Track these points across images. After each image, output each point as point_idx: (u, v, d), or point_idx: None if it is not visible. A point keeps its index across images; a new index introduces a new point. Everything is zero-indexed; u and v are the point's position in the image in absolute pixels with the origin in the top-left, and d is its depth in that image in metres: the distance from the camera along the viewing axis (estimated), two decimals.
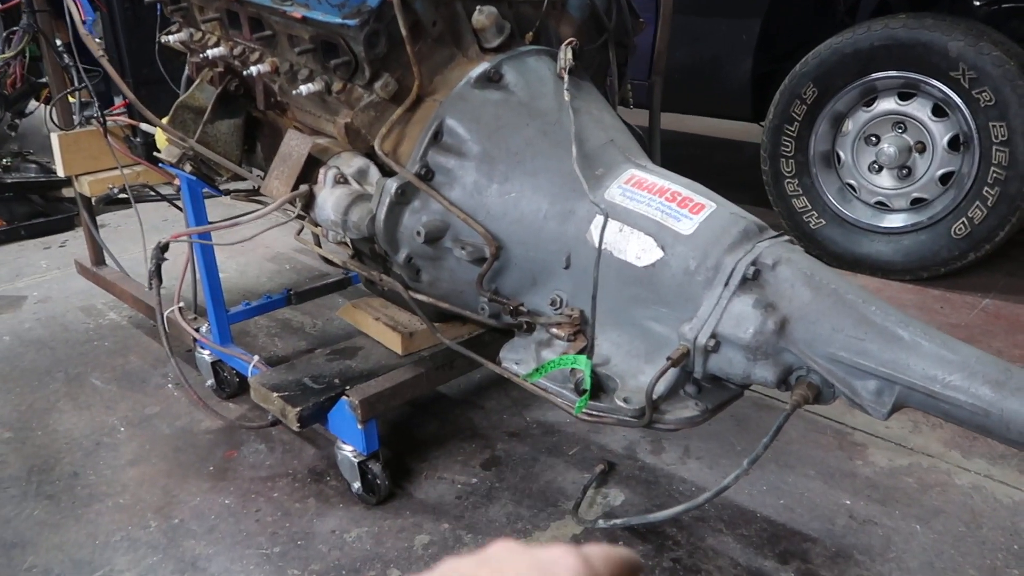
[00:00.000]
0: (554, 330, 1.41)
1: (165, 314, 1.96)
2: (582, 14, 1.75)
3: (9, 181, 3.41)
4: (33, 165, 3.53)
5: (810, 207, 2.94)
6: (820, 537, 1.51)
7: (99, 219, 3.12)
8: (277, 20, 1.57)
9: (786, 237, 1.35)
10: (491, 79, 1.50)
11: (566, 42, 1.56)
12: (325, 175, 1.57)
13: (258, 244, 3.04)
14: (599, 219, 1.37)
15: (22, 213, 3.40)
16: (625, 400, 1.29)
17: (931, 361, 1.14)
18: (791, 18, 3.13)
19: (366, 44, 1.44)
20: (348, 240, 1.73)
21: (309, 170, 1.63)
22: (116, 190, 2.29)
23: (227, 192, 1.95)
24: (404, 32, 1.41)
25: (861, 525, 1.54)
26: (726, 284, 1.26)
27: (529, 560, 0.37)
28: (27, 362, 2.25)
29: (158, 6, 1.97)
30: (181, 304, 1.99)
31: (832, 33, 2.82)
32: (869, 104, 2.83)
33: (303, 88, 1.54)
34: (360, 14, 1.40)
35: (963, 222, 2.62)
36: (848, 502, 1.61)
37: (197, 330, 1.96)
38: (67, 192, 3.52)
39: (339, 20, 1.42)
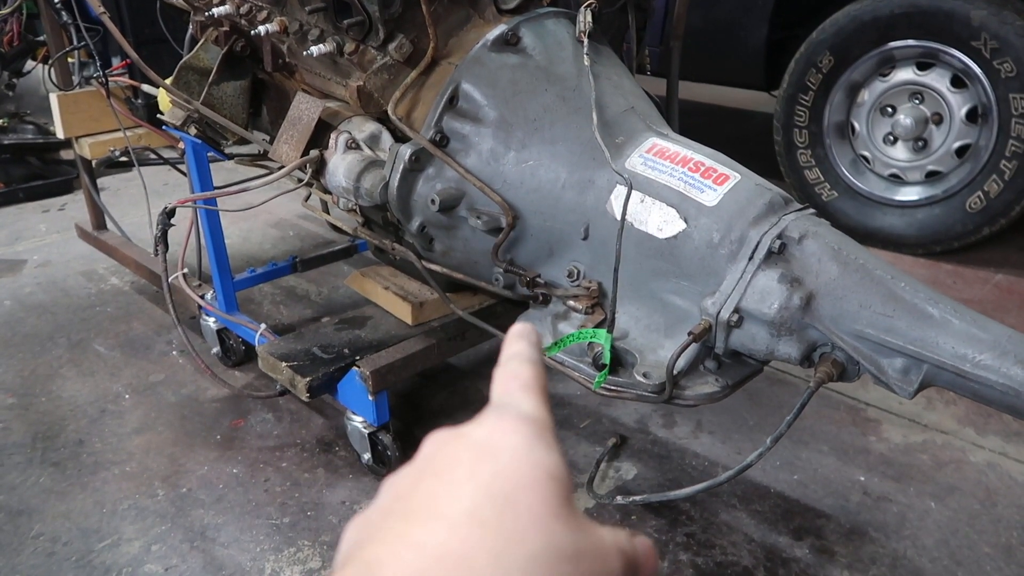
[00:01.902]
0: (571, 302, 1.38)
1: (170, 280, 1.93)
2: None
3: (6, 142, 3.34)
4: (31, 126, 3.46)
5: (823, 179, 2.90)
6: (834, 513, 1.50)
7: (99, 182, 3.07)
8: None
9: (812, 210, 1.31)
10: (508, 42, 1.45)
11: (585, 4, 1.51)
12: (336, 140, 1.53)
13: (261, 210, 2.99)
14: (620, 189, 1.34)
15: (20, 175, 3.34)
16: (645, 375, 1.26)
17: (961, 339, 1.11)
18: None
19: (380, 3, 1.39)
20: (359, 207, 1.69)
21: (319, 135, 1.58)
22: (117, 153, 2.24)
23: (232, 156, 1.91)
24: None
25: (875, 502, 1.53)
26: (751, 258, 1.23)
27: (470, 449, 0.34)
28: (29, 327, 2.22)
29: None
30: (185, 271, 1.96)
31: (849, 1, 2.76)
32: (886, 74, 2.77)
33: (313, 49, 1.49)
34: None
35: (978, 196, 2.58)
36: (862, 478, 1.59)
37: (202, 297, 1.92)
38: (66, 154, 3.46)
39: None
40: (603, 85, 1.46)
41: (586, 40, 1.48)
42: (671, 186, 1.33)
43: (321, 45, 1.48)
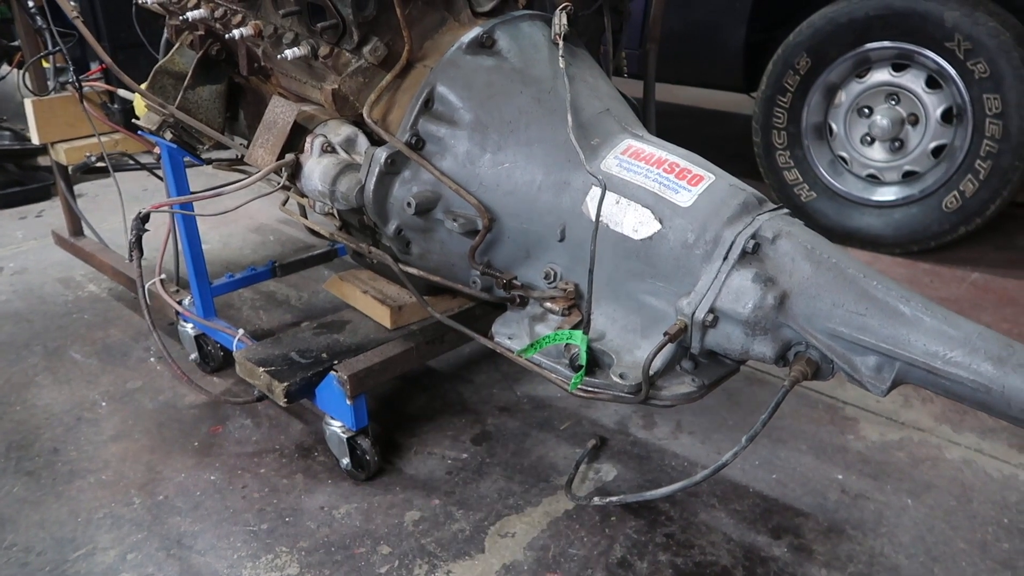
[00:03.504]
0: (548, 304, 1.38)
1: (147, 286, 1.92)
2: None
3: None
4: (7, 132, 3.42)
5: (801, 179, 2.92)
6: (812, 512, 1.50)
7: (76, 188, 3.04)
8: None
9: (786, 210, 1.32)
10: (483, 44, 1.45)
11: (561, 7, 1.51)
12: (312, 144, 1.52)
13: (241, 215, 2.98)
14: (595, 191, 1.34)
15: None
16: (621, 376, 1.27)
17: (932, 337, 1.12)
18: None
19: (354, 6, 1.38)
20: (336, 211, 1.68)
21: (295, 138, 1.58)
22: (93, 158, 2.22)
23: (209, 161, 1.89)
24: None
25: (853, 500, 1.54)
26: (725, 258, 1.24)
27: None
28: (4, 335, 2.19)
29: None
30: (163, 276, 1.94)
31: (827, 2, 2.78)
32: (863, 75, 2.79)
33: (288, 53, 1.48)
34: None
35: (954, 195, 2.61)
36: (840, 477, 1.60)
37: (180, 303, 1.91)
38: (43, 160, 3.42)
39: None
40: (578, 87, 1.46)
41: (561, 42, 1.48)
42: (646, 187, 1.33)
43: (295, 48, 1.48)
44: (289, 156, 1.53)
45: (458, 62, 1.44)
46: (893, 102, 2.75)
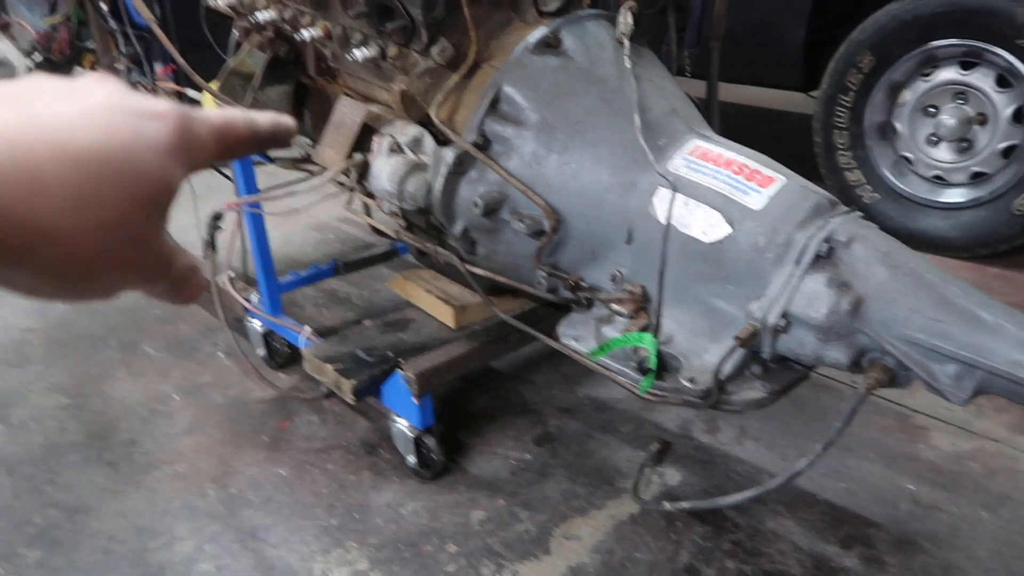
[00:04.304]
0: (615, 306, 1.38)
1: (216, 283, 1.97)
2: None
3: None
4: None
5: (864, 180, 2.85)
6: (883, 522, 1.47)
7: None
8: None
9: (859, 213, 1.30)
10: (549, 44, 1.46)
11: (625, 5, 1.51)
12: (380, 144, 1.54)
13: (302, 212, 3.03)
14: (663, 192, 1.33)
15: None
16: (691, 380, 1.26)
17: (1016, 345, 1.09)
18: None
19: (424, 7, 1.40)
20: (401, 211, 1.71)
21: (362, 138, 1.60)
22: None
23: (275, 159, 1.93)
24: None
25: (925, 511, 1.50)
26: (797, 262, 1.22)
27: (62, 91, 0.36)
28: (81, 328, 2.27)
29: None
30: (231, 273, 1.99)
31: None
32: (928, 74, 2.71)
33: (357, 53, 1.50)
34: None
35: None
36: (911, 487, 1.57)
37: (248, 300, 1.95)
38: None
39: None
40: (644, 87, 1.45)
41: (627, 42, 1.48)
42: (715, 189, 1.32)
43: (364, 49, 1.50)
44: (357, 156, 1.55)
45: (524, 62, 1.44)
46: (960, 101, 2.67)
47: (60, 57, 2.57)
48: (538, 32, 1.45)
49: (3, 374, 2.04)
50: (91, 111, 0.35)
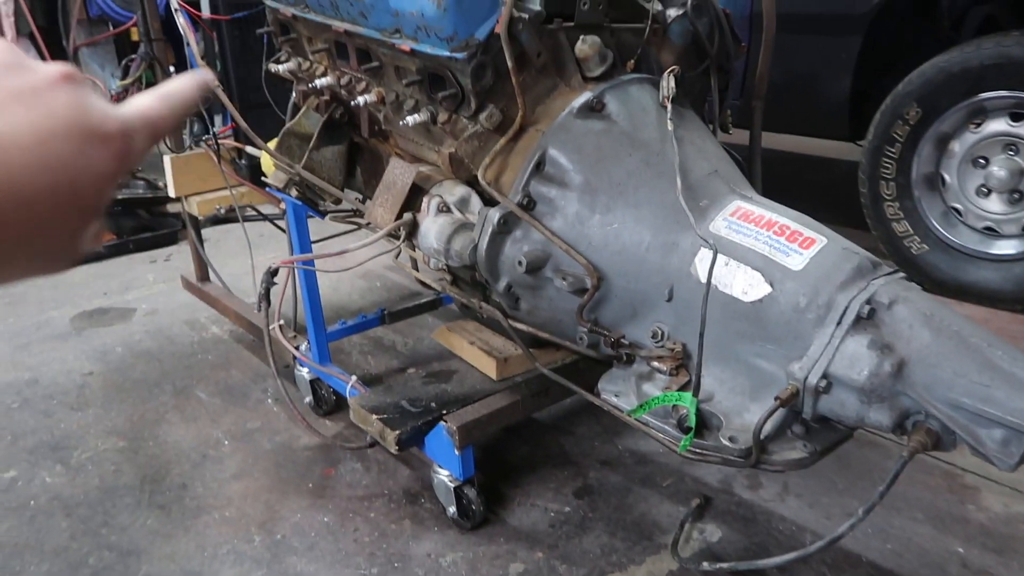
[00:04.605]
0: (655, 363, 1.40)
1: (267, 332, 2.04)
2: (684, 40, 1.73)
3: (119, 197, 3.60)
4: (141, 182, 3.72)
5: (912, 231, 2.82)
6: None
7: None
8: (385, 52, 1.61)
9: (902, 274, 1.30)
10: (593, 109, 1.50)
11: (668, 70, 1.55)
12: (428, 203, 1.60)
13: (349, 262, 3.12)
14: (704, 252, 1.36)
15: (129, 227, 3.58)
16: (731, 439, 1.26)
17: None
18: (892, 35, 3.02)
19: (473, 76, 1.46)
20: (448, 267, 1.76)
21: (411, 197, 1.66)
22: (223, 210, 2.39)
23: (327, 213, 2.01)
24: (510, 64, 1.43)
25: (975, 575, 1.46)
26: (839, 323, 1.22)
27: (21, 93, 0.37)
28: (138, 373, 2.37)
29: (265, 36, 2.05)
30: (281, 322, 2.06)
31: (935, 50, 2.71)
32: (978, 125, 2.69)
33: (409, 119, 1.57)
34: (468, 47, 1.43)
35: None
36: (960, 550, 1.53)
37: (297, 348, 2.02)
38: (171, 208, 3.69)
39: (447, 53, 1.44)
40: (686, 149, 1.49)
41: (669, 105, 1.52)
42: (756, 249, 1.34)
43: (416, 115, 1.56)
44: (407, 215, 1.62)
45: (569, 126, 1.49)
46: (1011, 152, 2.64)
47: None
48: (583, 97, 1.50)
49: (65, 417, 2.13)
50: (45, 137, 0.36)
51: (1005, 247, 2.67)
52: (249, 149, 2.40)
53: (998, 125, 2.65)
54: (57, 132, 0.37)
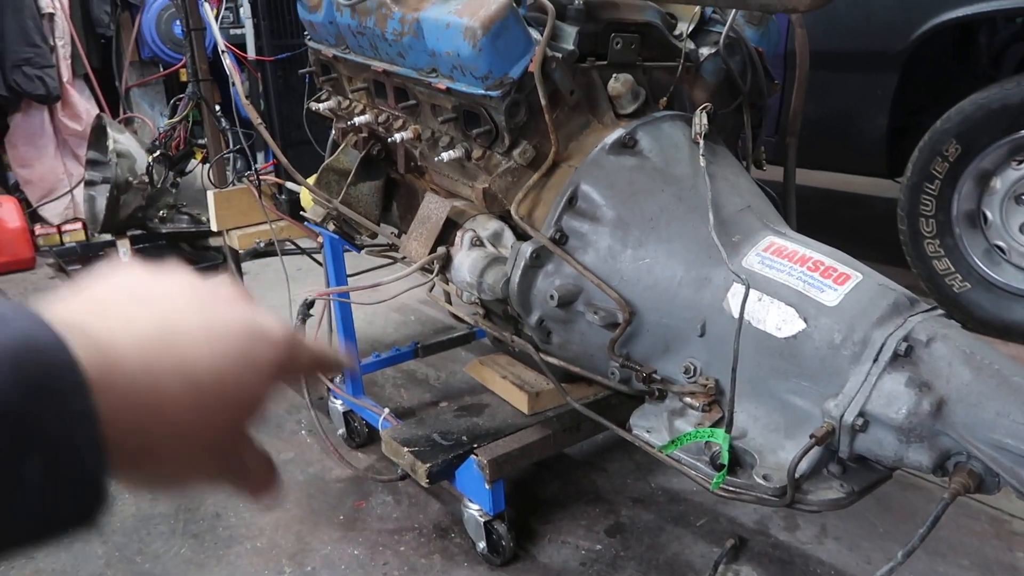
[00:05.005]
0: (688, 399, 1.38)
1: None
2: (716, 78, 1.75)
3: (164, 231, 3.70)
4: (185, 216, 3.82)
5: (953, 269, 2.77)
6: None
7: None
8: (421, 91, 1.65)
9: (940, 311, 1.28)
10: (626, 145, 1.52)
11: (701, 107, 1.56)
12: (462, 238, 1.62)
13: (384, 295, 3.15)
14: (737, 287, 1.35)
15: (173, 260, 3.67)
16: (765, 477, 1.24)
17: None
18: (929, 71, 3.00)
19: (507, 114, 1.49)
20: (480, 300, 1.77)
21: (445, 231, 1.69)
22: (262, 244, 2.44)
23: (363, 247, 2.05)
24: (543, 102, 1.45)
25: None
26: (875, 360, 1.20)
27: (196, 302, 0.42)
28: None
29: (307, 76, 2.12)
30: None
31: (973, 86, 2.68)
32: (1021, 161, 2.65)
33: (444, 155, 1.60)
34: (503, 85, 1.46)
35: None
36: None
37: (332, 380, 2.04)
38: (214, 242, 3.78)
39: (482, 91, 1.47)
40: (719, 185, 1.49)
41: (702, 141, 1.52)
42: (789, 285, 1.33)
43: (451, 151, 1.59)
44: (441, 249, 1.64)
45: (601, 162, 1.51)
46: None
47: (176, 153, 2.82)
48: (615, 134, 1.52)
49: None
50: (216, 335, 0.40)
51: None
52: (289, 185, 2.46)
53: None
54: (226, 331, 0.41)
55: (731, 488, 1.25)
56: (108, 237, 3.71)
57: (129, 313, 0.39)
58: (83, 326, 0.36)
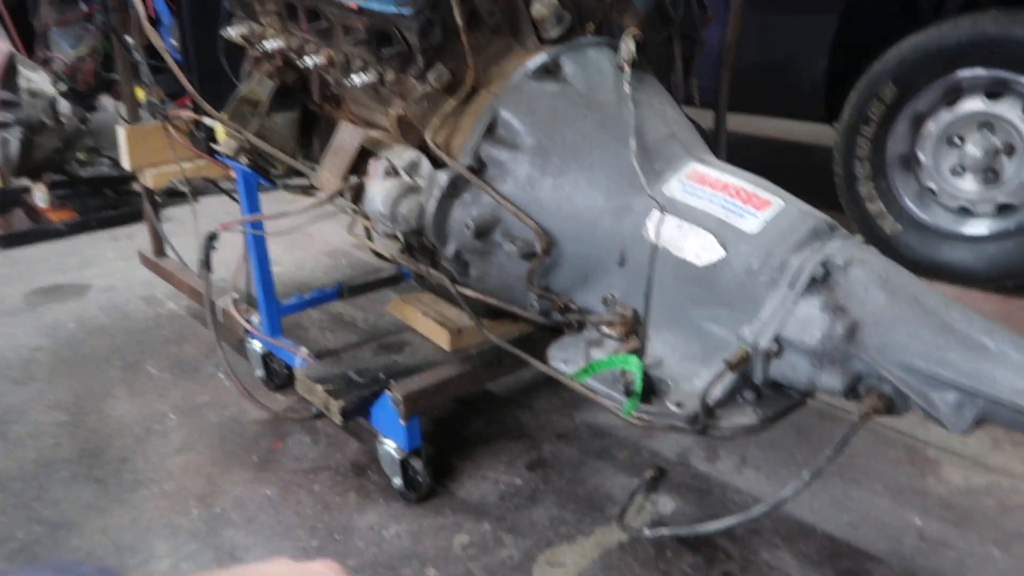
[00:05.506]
0: (605, 329, 1.35)
1: (220, 305, 1.98)
2: (647, 5, 1.68)
3: (83, 175, 3.53)
4: (106, 160, 3.64)
5: (886, 211, 2.79)
6: (886, 558, 1.40)
7: (166, 212, 3.19)
8: (333, 11, 1.56)
9: (860, 237, 1.26)
10: (548, 71, 1.46)
11: (628, 32, 1.50)
12: (376, 167, 1.55)
13: (315, 239, 3.06)
14: (656, 215, 1.31)
15: (95, 206, 3.51)
16: (678, 404, 1.22)
17: (1020, 373, 1.04)
18: (869, 14, 2.98)
19: (420, 33, 1.41)
20: (398, 233, 1.71)
21: (362, 163, 1.61)
22: (178, 182, 2.32)
23: (284, 186, 1.95)
24: (460, 22, 1.38)
25: (932, 547, 1.43)
26: (792, 285, 1.18)
27: None
28: (88, 348, 2.30)
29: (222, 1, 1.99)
30: (235, 295, 2.00)
31: (914, 29, 2.67)
32: (953, 104, 2.66)
33: (356, 79, 1.52)
34: (415, 3, 1.38)
35: None
36: (919, 522, 1.50)
37: (249, 321, 1.96)
38: (138, 186, 3.62)
39: (394, 9, 1.39)
40: (644, 112, 1.44)
41: (628, 68, 1.47)
42: (710, 212, 1.29)
43: (363, 75, 1.51)
44: (353, 179, 1.56)
45: (522, 88, 1.44)
46: (987, 131, 2.60)
47: (85, 87, 2.65)
48: (538, 58, 1.45)
49: (7, 391, 2.07)
50: None
51: (978, 227, 2.64)
52: (208, 121, 2.34)
53: (974, 104, 2.61)
54: None
55: (644, 416, 1.23)
56: (26, 182, 3.52)
57: None
58: None
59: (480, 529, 1.50)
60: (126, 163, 2.36)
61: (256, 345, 2.00)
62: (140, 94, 2.47)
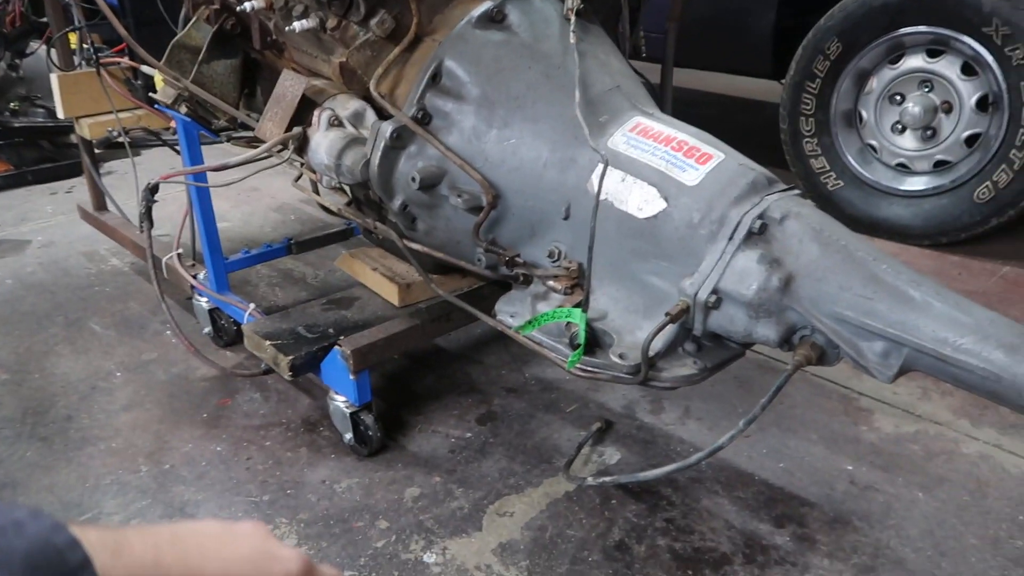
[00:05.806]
0: (551, 282, 1.37)
1: (164, 260, 1.94)
2: None
3: (17, 125, 3.38)
4: (41, 110, 3.49)
5: (828, 168, 2.85)
6: (819, 502, 1.47)
7: (107, 165, 3.10)
8: None
9: (796, 191, 1.29)
10: (493, 19, 1.44)
11: None
12: (319, 117, 1.52)
13: (263, 194, 3.01)
14: (601, 168, 1.32)
15: (30, 158, 3.37)
16: (621, 356, 1.25)
17: (942, 323, 1.09)
18: None
19: None
20: (345, 186, 1.68)
21: (306, 113, 1.58)
22: (116, 133, 2.25)
23: (228, 138, 1.90)
24: None
25: (862, 491, 1.50)
26: (730, 238, 1.21)
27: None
28: (28, 305, 2.24)
29: None
30: (180, 251, 1.97)
31: None
32: (895, 61, 2.71)
33: (296, 25, 1.48)
34: None
35: (987, 186, 2.53)
36: (850, 468, 1.57)
37: (195, 277, 1.93)
38: (75, 138, 3.48)
39: None
40: (589, 63, 1.44)
41: (573, 18, 1.46)
42: (652, 165, 1.31)
43: (304, 20, 1.48)
44: (296, 129, 1.53)
45: (467, 36, 1.42)
46: (926, 89, 2.66)
47: (12, 30, 2.52)
48: (483, 7, 1.43)
49: None
50: (228, 543, 0.49)
51: (916, 183, 2.72)
52: (145, 69, 2.25)
53: (915, 61, 2.67)
54: (241, 543, 0.51)
55: (587, 368, 1.25)
56: None
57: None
58: (98, 527, 0.44)
59: (431, 482, 1.52)
60: (60, 111, 2.27)
61: (203, 301, 1.97)
62: (73, 40, 2.36)
